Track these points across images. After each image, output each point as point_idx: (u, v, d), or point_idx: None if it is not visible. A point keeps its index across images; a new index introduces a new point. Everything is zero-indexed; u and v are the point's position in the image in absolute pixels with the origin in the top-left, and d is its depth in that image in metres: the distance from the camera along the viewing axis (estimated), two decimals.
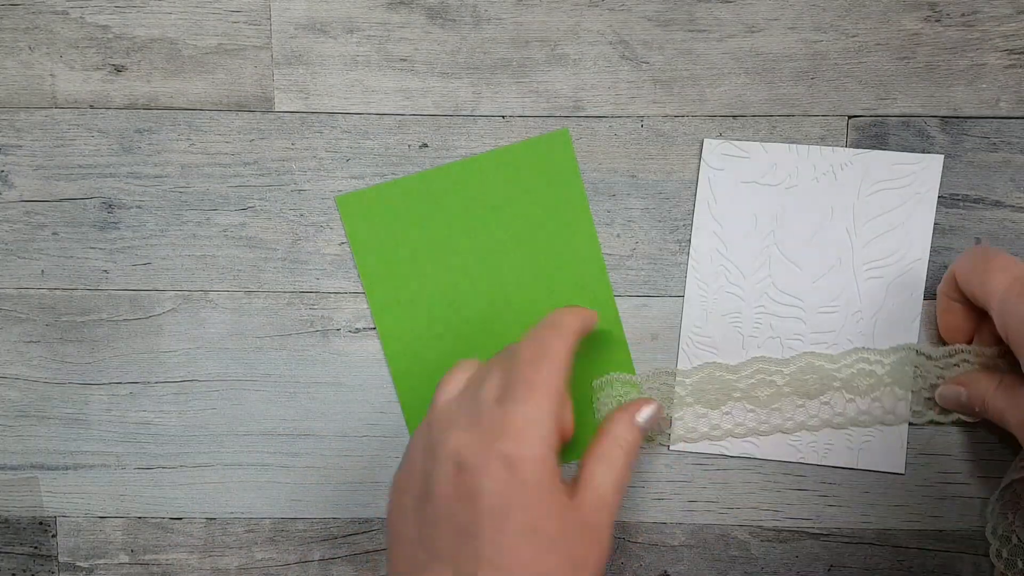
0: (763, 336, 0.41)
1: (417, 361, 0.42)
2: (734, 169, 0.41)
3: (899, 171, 0.40)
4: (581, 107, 0.41)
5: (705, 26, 0.41)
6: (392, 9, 0.41)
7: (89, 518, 0.43)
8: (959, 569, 0.42)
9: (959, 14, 0.40)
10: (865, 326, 0.41)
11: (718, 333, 0.41)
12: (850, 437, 0.41)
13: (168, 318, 0.42)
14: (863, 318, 0.41)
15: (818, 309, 0.41)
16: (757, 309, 0.41)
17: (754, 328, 0.41)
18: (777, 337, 0.41)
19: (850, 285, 0.41)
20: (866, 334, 0.41)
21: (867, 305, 0.41)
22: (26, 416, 0.43)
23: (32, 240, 0.42)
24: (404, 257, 0.42)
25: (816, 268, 0.41)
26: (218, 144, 0.42)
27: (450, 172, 0.41)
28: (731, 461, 0.42)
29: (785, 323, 0.41)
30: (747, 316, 0.41)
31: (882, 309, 0.41)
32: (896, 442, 0.41)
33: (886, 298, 0.41)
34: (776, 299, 0.41)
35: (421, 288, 0.42)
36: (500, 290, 0.42)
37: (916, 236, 0.40)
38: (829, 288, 0.41)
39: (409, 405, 0.42)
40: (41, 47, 0.41)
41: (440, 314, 0.42)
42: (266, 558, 0.43)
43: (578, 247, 0.41)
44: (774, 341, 0.41)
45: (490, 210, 0.41)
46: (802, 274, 0.41)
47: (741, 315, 0.41)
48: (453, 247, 0.42)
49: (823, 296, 0.41)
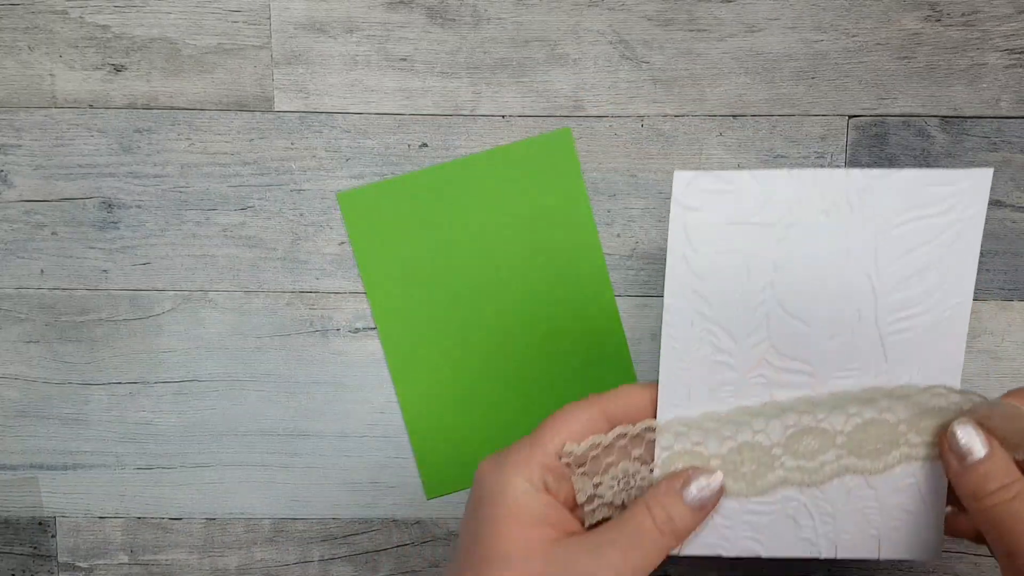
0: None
1: (417, 361, 0.42)
2: (717, 207, 0.31)
3: (935, 194, 0.31)
4: (581, 107, 0.41)
5: (705, 26, 0.41)
6: (392, 9, 0.41)
7: (89, 518, 0.43)
8: (959, 569, 0.42)
9: (959, 14, 0.40)
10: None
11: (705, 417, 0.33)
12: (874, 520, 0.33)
13: (168, 318, 0.42)
14: (889, 381, 0.32)
15: (833, 375, 0.32)
16: (755, 380, 0.32)
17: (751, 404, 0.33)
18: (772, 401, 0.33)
19: (873, 343, 0.32)
20: None
21: (894, 367, 0.32)
22: (26, 416, 0.43)
23: (32, 240, 0.42)
24: (405, 255, 0.42)
25: (829, 325, 0.32)
26: (218, 144, 0.42)
27: (452, 170, 0.41)
28: None
29: (791, 393, 0.32)
30: (742, 390, 0.32)
31: (913, 368, 0.32)
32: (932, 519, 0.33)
33: (919, 355, 0.32)
34: (779, 366, 0.32)
35: (422, 286, 0.42)
36: (501, 289, 0.42)
37: (957, 274, 0.31)
38: (846, 348, 0.32)
39: (409, 405, 0.42)
40: (41, 47, 0.41)
41: (441, 313, 0.42)
42: (266, 558, 0.43)
43: (579, 246, 0.41)
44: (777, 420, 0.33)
45: (492, 209, 0.41)
46: (811, 333, 0.32)
47: (734, 388, 0.32)
48: (454, 245, 0.42)
49: (839, 359, 0.32)
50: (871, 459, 0.33)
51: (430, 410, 0.42)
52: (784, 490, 0.33)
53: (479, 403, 0.42)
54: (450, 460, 0.42)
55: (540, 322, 0.42)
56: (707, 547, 0.33)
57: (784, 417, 0.32)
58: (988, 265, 0.41)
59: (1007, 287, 0.41)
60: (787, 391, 0.32)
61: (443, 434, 0.42)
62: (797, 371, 0.32)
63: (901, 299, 0.32)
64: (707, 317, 0.32)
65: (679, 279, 0.32)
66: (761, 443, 0.33)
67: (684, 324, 0.32)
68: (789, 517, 0.33)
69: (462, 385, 0.42)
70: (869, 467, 0.33)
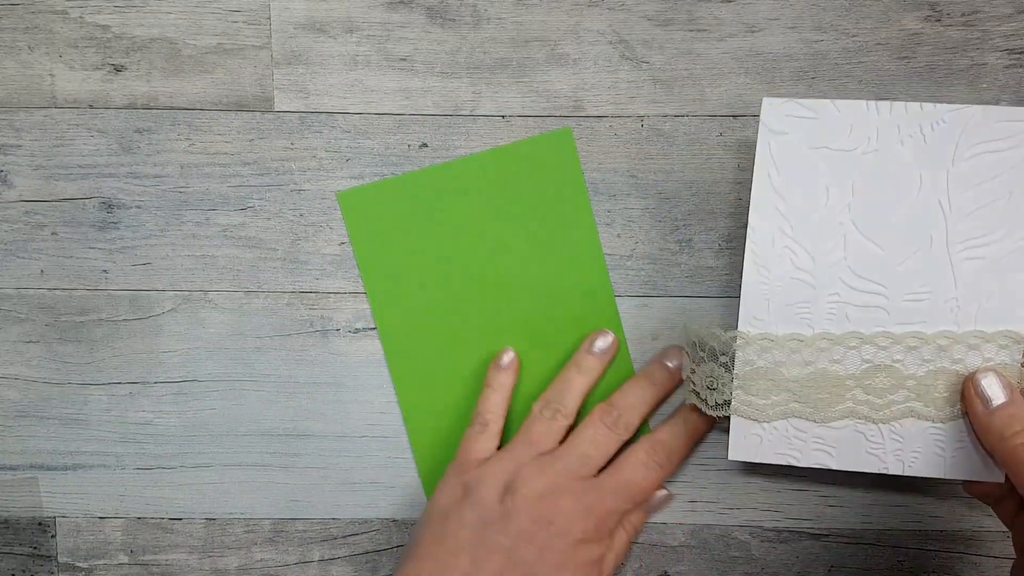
0: (839, 330, 0.35)
1: (417, 361, 0.42)
2: (801, 132, 0.34)
3: (1006, 129, 0.33)
4: (581, 107, 0.41)
5: (705, 26, 0.41)
6: (392, 9, 0.41)
7: (88, 518, 0.43)
8: (959, 569, 0.42)
9: (959, 14, 0.40)
10: (963, 316, 0.34)
11: (783, 327, 0.35)
12: (940, 443, 0.35)
13: (168, 318, 0.42)
14: (959, 307, 0.34)
15: (904, 297, 0.34)
16: (830, 298, 0.35)
17: (827, 320, 0.35)
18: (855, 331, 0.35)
19: (944, 268, 0.34)
20: (962, 325, 0.34)
21: (964, 292, 0.34)
22: (25, 416, 0.43)
23: (32, 240, 0.42)
24: (405, 254, 0.42)
25: (902, 249, 0.34)
26: (218, 144, 0.42)
27: (452, 170, 0.41)
28: (732, 461, 0.42)
29: (865, 314, 0.35)
30: (818, 307, 0.35)
31: (982, 295, 0.34)
32: None
33: (988, 283, 0.34)
34: (854, 286, 0.35)
35: (422, 286, 0.42)
36: (501, 289, 0.42)
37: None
38: (918, 272, 0.34)
39: (409, 405, 0.42)
40: (40, 47, 0.41)
41: (441, 313, 0.42)
42: (265, 558, 0.43)
43: (579, 246, 0.41)
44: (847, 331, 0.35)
45: (492, 208, 0.41)
46: (885, 256, 0.34)
47: (811, 306, 0.35)
48: (454, 245, 0.42)
49: (911, 282, 0.34)
50: (936, 407, 0.34)
51: (430, 411, 0.42)
52: (849, 421, 0.35)
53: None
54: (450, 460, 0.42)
55: (539, 321, 0.42)
56: (780, 456, 0.36)
57: (862, 349, 0.34)
58: None
59: None
60: (861, 311, 0.34)
61: (443, 434, 0.42)
62: (871, 291, 0.34)
63: (971, 227, 0.34)
64: (788, 235, 0.35)
65: (763, 198, 0.35)
66: (837, 373, 0.35)
67: (766, 241, 0.35)
68: (860, 433, 0.35)
69: (463, 385, 0.42)
70: (933, 415, 0.34)
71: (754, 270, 0.35)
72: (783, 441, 0.36)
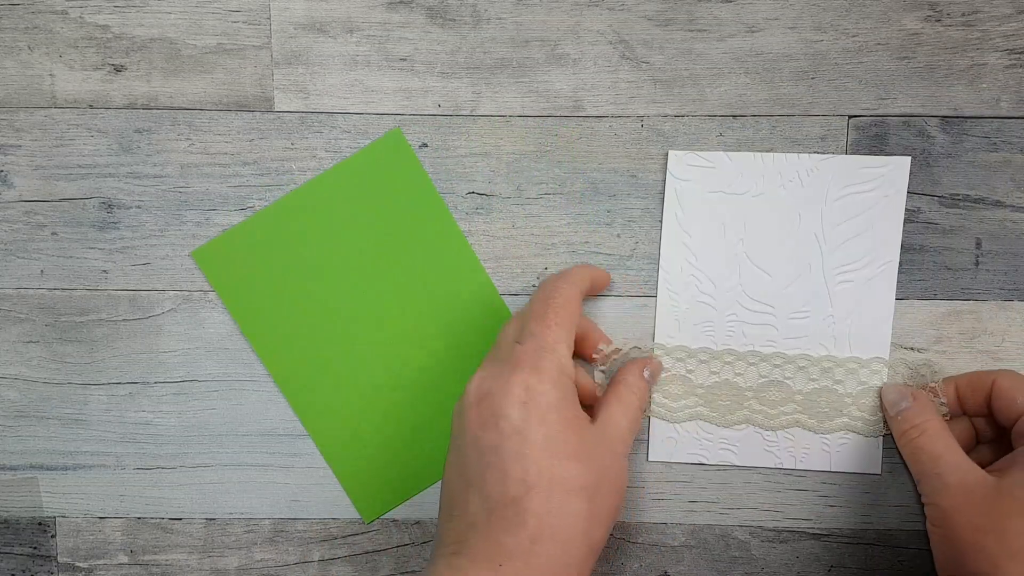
0: (736, 344, 0.41)
1: (317, 393, 0.42)
2: (700, 179, 0.41)
3: (865, 175, 0.40)
4: (581, 107, 0.41)
5: (705, 26, 0.41)
6: (392, 9, 0.41)
7: (88, 518, 0.43)
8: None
9: (959, 14, 0.40)
10: (838, 330, 0.41)
11: (691, 342, 0.41)
12: (826, 441, 0.41)
13: (168, 318, 0.42)
14: (835, 322, 0.41)
15: (790, 315, 0.41)
16: (729, 318, 0.41)
17: (727, 336, 0.41)
18: (750, 344, 0.41)
19: (821, 290, 0.41)
20: (839, 338, 0.41)
21: (839, 310, 0.41)
22: (25, 416, 0.43)
23: (32, 240, 0.42)
24: (277, 293, 0.41)
25: (786, 274, 0.41)
26: (218, 144, 0.42)
27: (297, 199, 0.41)
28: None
29: (757, 330, 0.41)
30: (720, 326, 0.41)
31: (854, 313, 0.41)
32: (873, 442, 0.41)
33: (858, 302, 0.41)
34: (747, 307, 0.41)
35: (301, 320, 0.41)
36: (379, 301, 0.41)
37: (886, 239, 0.41)
38: (800, 294, 0.41)
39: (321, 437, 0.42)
40: (40, 47, 0.41)
41: (327, 342, 0.42)
42: (266, 558, 0.43)
43: (445, 245, 0.41)
44: (747, 348, 0.41)
45: (347, 226, 0.41)
46: (773, 281, 0.41)
47: (714, 325, 0.41)
48: (322, 270, 0.41)
49: (794, 302, 0.41)
50: (818, 420, 0.41)
51: (344, 437, 0.42)
52: (747, 427, 0.41)
53: (389, 418, 0.42)
54: (377, 479, 0.42)
55: (425, 323, 0.42)
56: (692, 455, 0.42)
57: (760, 366, 0.41)
58: (988, 265, 0.41)
59: (1007, 287, 0.41)
60: (755, 328, 0.41)
61: (364, 458, 0.42)
62: (763, 311, 0.41)
63: (842, 256, 0.41)
64: (693, 265, 0.41)
65: (672, 234, 0.41)
66: (738, 384, 0.41)
67: (675, 270, 0.41)
68: (758, 434, 0.42)
69: (367, 404, 0.42)
70: (816, 426, 0.41)
71: (667, 295, 0.41)
72: (694, 442, 0.42)
